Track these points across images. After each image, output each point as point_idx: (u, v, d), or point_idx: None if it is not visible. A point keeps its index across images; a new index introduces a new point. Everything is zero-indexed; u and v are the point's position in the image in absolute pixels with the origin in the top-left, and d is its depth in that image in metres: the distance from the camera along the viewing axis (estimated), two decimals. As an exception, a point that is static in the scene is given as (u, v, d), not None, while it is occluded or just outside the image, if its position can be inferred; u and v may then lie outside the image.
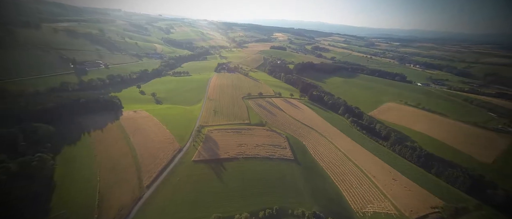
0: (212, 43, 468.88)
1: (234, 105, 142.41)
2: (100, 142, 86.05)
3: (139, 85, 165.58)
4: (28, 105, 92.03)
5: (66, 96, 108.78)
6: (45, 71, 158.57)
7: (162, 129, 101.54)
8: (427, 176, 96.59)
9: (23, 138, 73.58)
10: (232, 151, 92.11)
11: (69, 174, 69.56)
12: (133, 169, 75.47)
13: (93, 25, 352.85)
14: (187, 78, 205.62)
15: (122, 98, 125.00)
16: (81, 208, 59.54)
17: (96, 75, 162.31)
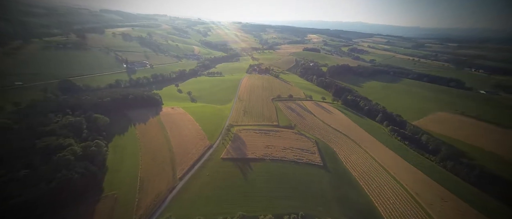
0: (244, 45, 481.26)
1: (263, 106, 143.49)
2: (143, 134, 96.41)
3: (177, 84, 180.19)
4: (91, 98, 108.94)
5: (119, 92, 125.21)
6: (105, 70, 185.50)
7: (195, 125, 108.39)
8: (489, 201, 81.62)
9: (86, 126, 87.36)
10: (259, 152, 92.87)
11: (118, 160, 79.72)
12: (169, 161, 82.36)
13: (143, 29, 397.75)
14: (220, 78, 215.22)
15: (163, 95, 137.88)
16: (126, 191, 67.50)
17: (143, 74, 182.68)
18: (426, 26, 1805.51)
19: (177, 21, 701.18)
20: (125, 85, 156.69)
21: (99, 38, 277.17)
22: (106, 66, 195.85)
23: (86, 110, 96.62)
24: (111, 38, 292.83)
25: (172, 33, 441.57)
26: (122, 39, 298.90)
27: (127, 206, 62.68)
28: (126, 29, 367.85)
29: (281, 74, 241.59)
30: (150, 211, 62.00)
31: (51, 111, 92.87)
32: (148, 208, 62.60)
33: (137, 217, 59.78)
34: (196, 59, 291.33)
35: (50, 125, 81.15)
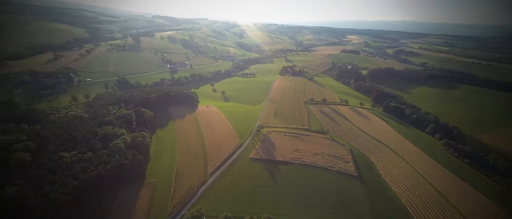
0: (279, 47, 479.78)
1: (294, 109, 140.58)
2: (180, 129, 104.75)
3: (212, 83, 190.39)
4: (140, 94, 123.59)
5: (163, 89, 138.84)
6: (152, 69, 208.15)
7: (227, 124, 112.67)
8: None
9: (135, 118, 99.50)
10: (289, 155, 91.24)
11: (159, 151, 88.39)
12: (202, 156, 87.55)
13: (186, 32, 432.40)
14: (253, 79, 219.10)
15: (199, 94, 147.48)
16: (164, 180, 74.31)
17: (183, 74, 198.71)
18: (494, 23, 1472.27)
19: (216, 25, 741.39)
20: (168, 83, 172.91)
21: (150, 41, 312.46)
22: (153, 66, 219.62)
23: (136, 104, 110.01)
24: (159, 41, 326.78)
25: (211, 36, 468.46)
26: (168, 42, 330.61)
27: (164, 194, 68.85)
28: (172, 33, 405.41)
29: (315, 77, 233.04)
30: (183, 202, 66.85)
31: (110, 103, 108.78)
32: (181, 198, 67.62)
33: (172, 205, 65.13)
34: (231, 60, 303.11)
35: (109, 116, 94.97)
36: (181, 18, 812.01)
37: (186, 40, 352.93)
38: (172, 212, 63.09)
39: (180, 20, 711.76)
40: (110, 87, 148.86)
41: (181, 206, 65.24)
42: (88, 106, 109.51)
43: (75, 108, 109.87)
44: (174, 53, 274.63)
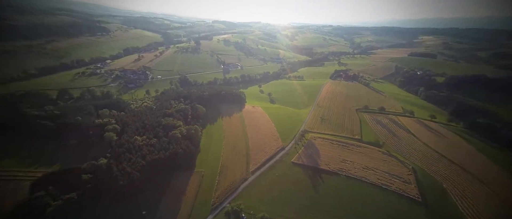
0: (332, 49, 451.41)
1: (344, 116, 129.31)
2: (227, 126, 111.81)
3: (260, 85, 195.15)
4: (196, 91, 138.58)
5: (215, 88, 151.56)
6: (208, 69, 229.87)
7: (271, 126, 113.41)
8: None
9: (190, 112, 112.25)
10: (334, 165, 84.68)
11: (207, 144, 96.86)
12: (245, 154, 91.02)
13: (239, 35, 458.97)
14: (301, 82, 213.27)
15: (247, 94, 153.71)
16: (210, 172, 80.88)
17: (234, 74, 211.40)
18: None
19: (268, 27, 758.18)
20: (220, 83, 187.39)
21: (208, 44, 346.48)
22: (209, 66, 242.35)
23: (192, 100, 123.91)
24: (216, 43, 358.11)
25: (262, 38, 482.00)
26: (223, 44, 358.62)
27: (209, 184, 74.91)
28: (227, 36, 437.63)
29: (373, 83, 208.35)
30: (225, 194, 71.11)
31: (172, 98, 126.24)
32: (224, 191, 72.07)
33: (215, 196, 70.19)
34: (280, 63, 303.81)
35: (171, 109, 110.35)
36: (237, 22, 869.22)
37: (239, 43, 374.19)
38: (215, 202, 67.95)
39: (236, 24, 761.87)
40: (173, 84, 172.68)
41: (223, 199, 69.50)
42: (157, 99, 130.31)
43: (147, 100, 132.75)
44: (228, 55, 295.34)
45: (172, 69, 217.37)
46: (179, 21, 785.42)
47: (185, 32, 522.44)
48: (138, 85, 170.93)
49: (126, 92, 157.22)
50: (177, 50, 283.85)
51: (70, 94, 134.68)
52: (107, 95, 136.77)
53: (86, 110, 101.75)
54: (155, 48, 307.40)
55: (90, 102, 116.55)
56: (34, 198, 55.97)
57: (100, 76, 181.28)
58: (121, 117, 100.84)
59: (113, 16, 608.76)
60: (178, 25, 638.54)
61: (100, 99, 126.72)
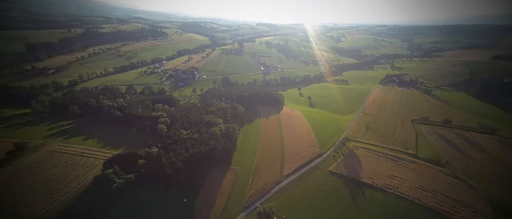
0: (384, 51, 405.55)
1: (395, 126, 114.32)
2: (264, 127, 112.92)
3: (300, 87, 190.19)
4: (237, 92, 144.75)
5: (254, 89, 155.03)
6: (249, 71, 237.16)
7: (309, 130, 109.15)
8: None
9: (230, 111, 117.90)
10: (379, 180, 75.82)
11: (244, 143, 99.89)
12: (279, 156, 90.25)
13: (282, 37, 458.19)
14: (344, 87, 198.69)
15: (285, 96, 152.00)
16: (245, 170, 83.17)
17: (274, 76, 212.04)
18: None
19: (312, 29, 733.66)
20: (259, 84, 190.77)
21: (251, 46, 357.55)
22: (251, 67, 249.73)
23: (232, 100, 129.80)
24: (258, 45, 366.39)
25: (305, 40, 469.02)
26: (265, 46, 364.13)
27: (243, 182, 77.05)
28: (270, 38, 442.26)
29: (435, 90, 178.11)
30: (258, 194, 72.01)
31: (214, 97, 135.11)
32: (257, 191, 73.07)
33: (248, 194, 71.79)
34: (322, 65, 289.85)
35: (212, 107, 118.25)
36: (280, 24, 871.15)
37: (281, 45, 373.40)
38: (248, 201, 69.51)
39: (279, 26, 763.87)
40: (216, 83, 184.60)
41: (256, 199, 70.51)
42: (201, 98, 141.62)
43: (193, 98, 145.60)
44: (268, 57, 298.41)
45: (216, 70, 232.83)
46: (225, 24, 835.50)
47: (231, 35, 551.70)
48: (186, 84, 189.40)
49: (177, 89, 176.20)
50: (221, 52, 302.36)
51: (134, 89, 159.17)
52: (161, 92, 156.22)
53: (145, 104, 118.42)
54: (203, 50, 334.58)
55: (149, 97, 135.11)
56: (105, 174, 68.24)
57: (157, 75, 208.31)
58: (171, 111, 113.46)
59: (172, 22, 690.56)
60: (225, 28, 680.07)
61: (156, 95, 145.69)
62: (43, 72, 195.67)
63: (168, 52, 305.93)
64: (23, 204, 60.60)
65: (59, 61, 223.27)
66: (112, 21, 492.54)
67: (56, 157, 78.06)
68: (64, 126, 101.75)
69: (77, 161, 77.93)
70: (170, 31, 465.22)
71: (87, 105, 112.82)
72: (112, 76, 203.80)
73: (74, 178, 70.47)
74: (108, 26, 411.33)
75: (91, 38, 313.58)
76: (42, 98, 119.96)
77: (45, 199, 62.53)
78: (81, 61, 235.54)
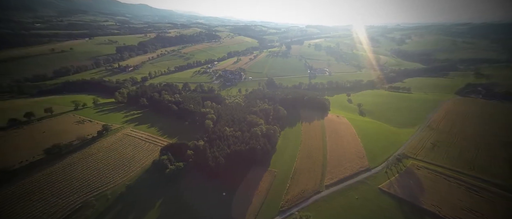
0: (465, 55, 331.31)
1: (477, 148, 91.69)
2: (306, 132, 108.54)
3: (349, 93, 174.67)
4: (280, 94, 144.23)
5: (298, 92, 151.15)
6: (294, 73, 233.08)
7: (356, 140, 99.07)
8: None
9: (272, 113, 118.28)
10: (450, 211, 62.34)
11: (283, 146, 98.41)
12: (320, 164, 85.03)
13: (333, 40, 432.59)
14: (405, 95, 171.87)
15: (332, 102, 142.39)
16: (282, 173, 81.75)
17: (320, 80, 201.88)
18: None
19: (370, 30, 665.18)
20: (304, 87, 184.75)
21: (298, 48, 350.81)
22: (296, 70, 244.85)
23: (275, 102, 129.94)
24: (306, 48, 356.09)
25: (359, 42, 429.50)
26: (314, 49, 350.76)
27: (280, 185, 75.86)
28: (320, 40, 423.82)
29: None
30: (295, 201, 69.69)
31: (258, 98, 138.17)
32: (293, 197, 70.80)
33: (285, 199, 70.23)
34: (378, 70, 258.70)
35: (255, 107, 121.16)
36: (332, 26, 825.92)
37: (331, 48, 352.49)
38: (284, 205, 68.02)
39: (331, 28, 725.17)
40: (261, 85, 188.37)
41: (292, 205, 68.34)
42: (245, 98, 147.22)
43: (238, 97, 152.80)
44: (316, 60, 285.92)
45: (262, 71, 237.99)
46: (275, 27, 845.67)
47: (279, 37, 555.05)
48: (233, 84, 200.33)
49: (224, 89, 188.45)
50: (268, 54, 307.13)
51: (189, 87, 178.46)
52: (211, 90, 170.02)
53: (196, 100, 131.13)
54: (251, 52, 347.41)
55: (200, 94, 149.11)
56: (161, 160, 78.84)
57: (208, 75, 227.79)
58: (218, 109, 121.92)
59: (225, 26, 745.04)
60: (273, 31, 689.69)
61: (206, 93, 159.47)
62: (125, 69, 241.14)
63: (219, 54, 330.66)
64: (107, 172, 75.72)
65: (136, 61, 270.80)
66: (177, 27, 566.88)
67: (128, 140, 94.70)
68: (135, 114, 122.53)
69: (142, 145, 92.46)
70: (223, 34, 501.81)
71: (152, 99, 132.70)
72: (172, 74, 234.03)
73: (139, 159, 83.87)
74: (173, 31, 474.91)
75: (160, 41, 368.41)
76: (122, 91, 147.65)
77: (119, 173, 76.52)
78: (151, 61, 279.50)
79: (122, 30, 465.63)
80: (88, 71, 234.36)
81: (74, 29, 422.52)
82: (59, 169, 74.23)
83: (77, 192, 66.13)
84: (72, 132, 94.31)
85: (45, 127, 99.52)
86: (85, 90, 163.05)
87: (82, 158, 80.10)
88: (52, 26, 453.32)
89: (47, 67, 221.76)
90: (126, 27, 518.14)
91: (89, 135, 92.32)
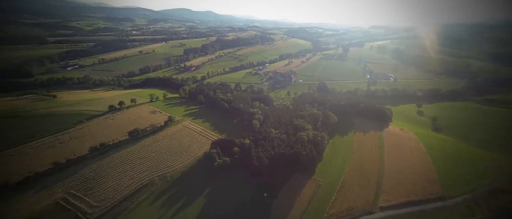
0: None
1: None
2: (359, 143, 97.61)
3: (420, 104, 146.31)
4: (332, 99, 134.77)
5: (353, 98, 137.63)
6: (350, 78, 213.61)
7: (426, 160, 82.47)
8: None
9: (321, 119, 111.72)
10: None
11: (331, 155, 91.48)
12: (374, 182, 74.90)
13: (402, 41, 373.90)
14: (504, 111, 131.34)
15: (395, 112, 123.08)
16: (328, 184, 76.04)
17: (382, 87, 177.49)
18: None
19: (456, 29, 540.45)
20: (361, 94, 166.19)
21: (358, 51, 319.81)
22: (353, 74, 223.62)
23: (326, 107, 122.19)
24: (367, 50, 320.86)
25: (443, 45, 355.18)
26: (377, 52, 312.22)
27: (325, 197, 70.83)
28: (385, 42, 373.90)
29: None
30: (339, 216, 63.86)
31: (307, 102, 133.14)
32: (339, 212, 64.96)
33: (329, 213, 64.97)
34: (468, 78, 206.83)
35: (303, 111, 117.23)
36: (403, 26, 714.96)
37: (400, 50, 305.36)
38: (327, 219, 63.42)
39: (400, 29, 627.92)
40: (311, 89, 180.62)
41: (336, 219, 62.98)
42: (294, 101, 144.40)
43: (287, 100, 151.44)
44: (379, 63, 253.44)
45: (313, 74, 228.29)
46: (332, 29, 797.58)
47: (336, 39, 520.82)
48: (282, 86, 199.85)
49: (273, 90, 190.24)
50: (322, 57, 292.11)
51: (240, 87, 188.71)
52: (260, 91, 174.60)
53: (246, 100, 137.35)
54: (304, 54, 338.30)
55: (249, 94, 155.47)
56: (211, 152, 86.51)
57: (259, 76, 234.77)
58: (265, 110, 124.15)
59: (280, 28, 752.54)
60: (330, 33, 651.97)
61: (255, 94, 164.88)
62: (188, 69, 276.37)
63: (271, 56, 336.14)
64: (169, 157, 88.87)
65: (198, 62, 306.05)
66: (235, 30, 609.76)
67: (186, 131, 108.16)
68: (193, 109, 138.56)
69: (196, 137, 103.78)
70: (277, 36, 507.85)
71: (208, 96, 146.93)
72: (227, 74, 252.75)
73: (193, 149, 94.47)
74: (231, 34, 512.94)
75: (219, 44, 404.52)
76: (185, 88, 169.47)
77: (177, 159, 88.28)
78: (210, 62, 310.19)
79: (190, 35, 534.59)
80: (162, 69, 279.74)
81: (157, 35, 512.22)
82: (137, 149, 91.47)
83: (147, 170, 79.87)
84: (147, 120, 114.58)
85: (130, 113, 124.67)
86: (159, 85, 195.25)
87: (152, 142, 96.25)
88: (142, 33, 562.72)
89: (136, 65, 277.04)
90: (193, 32, 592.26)
91: (158, 124, 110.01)
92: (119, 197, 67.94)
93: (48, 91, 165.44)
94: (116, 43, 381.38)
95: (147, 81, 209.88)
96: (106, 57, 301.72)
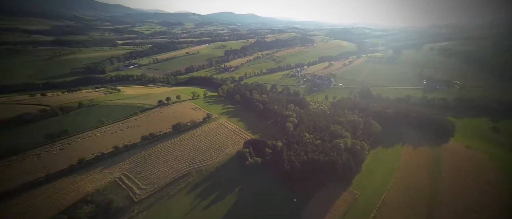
0: None
1: None
2: (407, 158, 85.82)
3: (496, 119, 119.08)
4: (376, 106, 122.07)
5: (404, 107, 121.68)
6: (401, 84, 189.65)
7: (499, 186, 66.80)
8: None
9: (362, 127, 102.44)
10: None
11: (372, 168, 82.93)
12: (425, 204, 64.72)
13: (473, 42, 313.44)
14: None
15: (460, 126, 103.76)
16: (366, 199, 69.19)
17: (441, 95, 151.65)
18: None
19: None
20: (413, 102, 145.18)
21: (412, 54, 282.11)
22: (403, 80, 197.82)
23: (368, 114, 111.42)
24: (426, 53, 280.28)
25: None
26: (438, 54, 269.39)
27: (362, 213, 64.48)
28: (450, 43, 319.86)
29: None
30: (375, 236, 57.66)
31: (347, 107, 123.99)
32: (375, 231, 58.65)
33: (363, 229, 59.64)
34: None
35: (342, 117, 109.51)
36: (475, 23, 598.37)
37: (470, 53, 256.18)
38: (360, 236, 57.94)
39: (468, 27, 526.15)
40: (353, 94, 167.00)
41: (372, 239, 56.93)
42: (332, 106, 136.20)
43: (324, 104, 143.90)
44: (440, 68, 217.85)
45: (355, 79, 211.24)
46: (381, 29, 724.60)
47: (385, 41, 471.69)
48: (320, 90, 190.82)
49: (310, 94, 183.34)
50: (367, 60, 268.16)
51: (276, 88, 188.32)
52: (296, 94, 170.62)
53: (281, 102, 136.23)
54: (346, 57, 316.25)
55: (285, 97, 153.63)
56: (243, 151, 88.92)
57: (296, 78, 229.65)
58: (300, 113, 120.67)
59: (322, 30, 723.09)
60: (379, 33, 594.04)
61: (291, 96, 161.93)
62: (228, 69, 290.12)
63: (310, 58, 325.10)
64: (205, 152, 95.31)
65: (237, 63, 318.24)
66: (274, 32, 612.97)
67: (222, 129, 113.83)
68: (230, 108, 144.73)
69: (231, 135, 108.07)
70: (318, 38, 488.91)
71: (244, 96, 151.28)
72: (264, 76, 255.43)
73: (227, 147, 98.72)
74: (270, 36, 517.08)
75: (258, 45, 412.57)
76: (223, 87, 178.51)
77: (212, 155, 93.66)
78: (248, 63, 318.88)
79: (231, 37, 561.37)
80: (204, 69, 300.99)
81: (202, 37, 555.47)
82: (178, 141, 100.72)
83: (186, 162, 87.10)
84: (188, 115, 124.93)
85: (174, 108, 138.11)
86: (201, 84, 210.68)
87: (191, 137, 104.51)
88: (190, 35, 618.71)
89: (183, 65, 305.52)
90: (234, 34, 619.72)
91: (197, 120, 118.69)
92: (162, 184, 75.88)
93: (115, 86, 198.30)
94: (168, 45, 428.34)
95: (190, 80, 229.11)
96: (160, 58, 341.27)
